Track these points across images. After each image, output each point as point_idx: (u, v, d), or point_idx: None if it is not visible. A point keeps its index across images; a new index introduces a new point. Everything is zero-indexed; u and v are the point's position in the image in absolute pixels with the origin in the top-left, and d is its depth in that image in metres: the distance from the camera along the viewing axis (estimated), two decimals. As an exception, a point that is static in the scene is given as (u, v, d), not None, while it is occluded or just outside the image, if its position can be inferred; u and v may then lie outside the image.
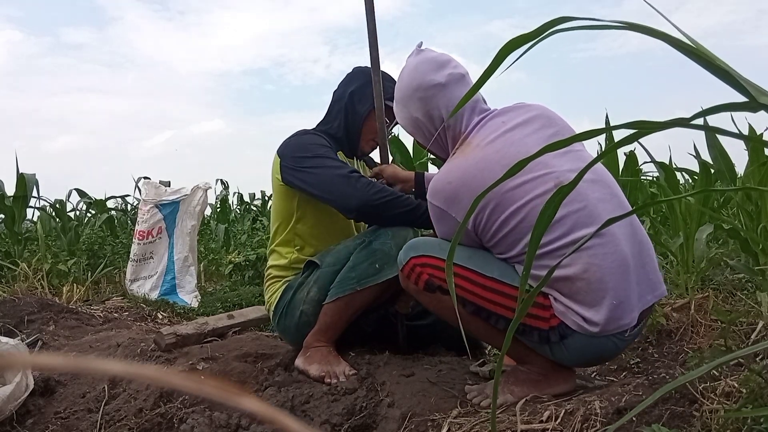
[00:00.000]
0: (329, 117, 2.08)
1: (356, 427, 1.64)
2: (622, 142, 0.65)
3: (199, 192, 4.08)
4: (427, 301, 1.64)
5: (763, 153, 2.55)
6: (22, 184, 4.54)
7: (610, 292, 1.45)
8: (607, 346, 1.51)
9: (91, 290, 4.01)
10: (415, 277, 1.61)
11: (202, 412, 1.74)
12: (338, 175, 1.83)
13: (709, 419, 1.21)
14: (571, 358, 1.54)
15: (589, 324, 1.46)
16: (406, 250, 1.64)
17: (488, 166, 1.53)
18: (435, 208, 1.60)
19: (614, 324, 1.47)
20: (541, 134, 1.59)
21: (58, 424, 1.93)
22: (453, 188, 1.55)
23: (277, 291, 2.03)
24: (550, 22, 0.59)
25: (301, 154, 1.91)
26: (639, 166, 4.05)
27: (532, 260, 0.78)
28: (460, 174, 1.56)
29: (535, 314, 1.50)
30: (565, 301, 1.49)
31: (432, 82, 1.65)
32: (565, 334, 1.49)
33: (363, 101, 2.00)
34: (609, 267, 1.46)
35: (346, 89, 2.05)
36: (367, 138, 2.05)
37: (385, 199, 1.81)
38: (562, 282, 1.48)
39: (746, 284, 2.36)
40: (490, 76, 0.65)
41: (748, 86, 0.58)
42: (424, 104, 1.66)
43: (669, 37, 0.59)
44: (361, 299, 1.83)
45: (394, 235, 1.82)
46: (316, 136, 2.00)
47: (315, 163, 1.87)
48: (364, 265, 1.81)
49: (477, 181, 1.52)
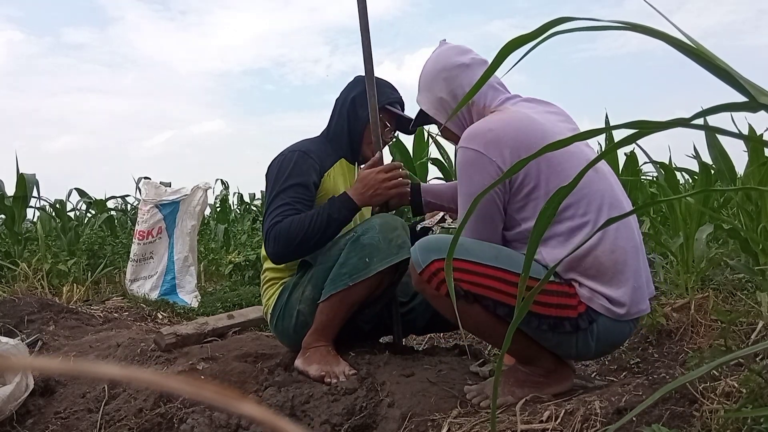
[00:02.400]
0: (332, 123, 2.12)
1: (356, 427, 1.64)
2: (622, 143, 0.65)
3: (199, 192, 4.08)
4: (445, 307, 1.56)
5: (762, 153, 2.55)
6: (22, 184, 4.54)
7: (632, 276, 1.51)
8: (625, 331, 1.56)
9: (91, 290, 4.01)
10: (437, 281, 1.51)
11: (202, 412, 1.74)
12: (269, 221, 1.90)
13: (709, 419, 1.21)
14: (594, 345, 1.54)
15: (615, 305, 1.50)
16: (426, 252, 1.53)
17: (532, 124, 1.56)
18: (470, 152, 1.55)
19: (636, 308, 1.53)
20: (566, 126, 1.64)
21: (58, 424, 1.94)
22: (495, 134, 1.54)
23: (274, 294, 2.03)
24: (550, 22, 0.59)
25: (273, 177, 1.98)
26: (639, 166, 4.05)
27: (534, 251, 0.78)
28: (502, 124, 1.56)
29: (563, 304, 1.50)
30: (590, 285, 1.51)
31: (457, 62, 1.70)
32: (593, 318, 1.51)
33: (365, 106, 2.01)
34: (630, 251, 1.53)
35: (348, 95, 2.09)
36: (368, 141, 2.06)
37: (287, 240, 1.86)
38: (590, 261, 1.50)
39: (746, 284, 2.36)
40: (491, 77, 0.65)
41: (748, 86, 0.58)
42: (448, 83, 1.70)
43: (669, 37, 0.59)
44: (354, 294, 1.83)
45: (382, 228, 1.82)
46: (303, 156, 1.98)
47: (270, 196, 1.95)
48: (353, 261, 1.81)
49: (521, 132, 1.54)
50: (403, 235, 1.84)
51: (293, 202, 1.90)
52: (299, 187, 1.93)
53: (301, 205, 1.91)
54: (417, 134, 4.73)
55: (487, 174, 1.52)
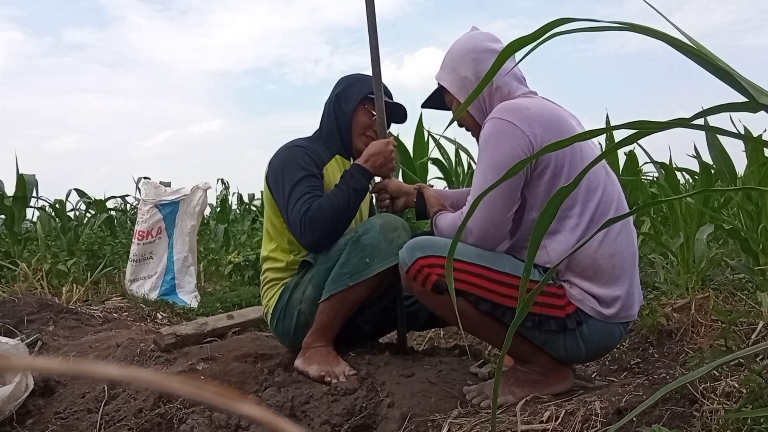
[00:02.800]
0: (322, 122, 2.16)
1: (356, 427, 1.64)
2: (622, 143, 0.65)
3: (199, 192, 4.08)
4: (434, 303, 1.61)
5: (762, 153, 2.55)
6: (22, 185, 4.54)
7: (627, 281, 1.55)
8: (615, 334, 1.58)
9: (91, 290, 4.00)
10: (422, 278, 1.57)
11: (202, 413, 1.74)
12: (298, 212, 1.89)
13: (710, 419, 1.21)
14: (583, 347, 1.56)
15: (605, 307, 1.52)
16: (411, 250, 1.60)
17: (562, 115, 1.59)
18: (504, 122, 1.55)
19: (625, 312, 1.56)
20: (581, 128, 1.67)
21: (58, 424, 1.93)
22: (531, 113, 1.55)
23: (274, 295, 2.03)
24: (550, 23, 0.59)
25: (280, 174, 1.99)
26: (639, 166, 4.05)
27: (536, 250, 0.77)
28: (536, 106, 1.58)
29: (550, 303, 1.52)
30: (584, 286, 1.53)
31: (488, 47, 1.71)
32: (581, 320, 1.53)
33: (348, 99, 2.07)
34: (627, 257, 1.56)
35: (333, 94, 2.14)
36: (358, 134, 2.09)
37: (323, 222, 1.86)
38: (588, 263, 1.52)
39: (746, 284, 2.36)
40: (492, 78, 0.65)
41: (748, 86, 0.58)
42: (476, 65, 1.70)
43: (669, 37, 0.59)
44: (355, 294, 1.84)
45: (382, 228, 1.83)
46: (302, 151, 2.02)
47: (286, 191, 1.95)
48: (354, 261, 1.82)
49: (554, 119, 1.56)
50: (403, 236, 1.84)
51: (311, 190, 1.92)
52: (311, 177, 1.96)
53: (319, 191, 1.94)
54: (417, 134, 4.73)
55: (517, 145, 1.53)
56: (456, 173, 4.80)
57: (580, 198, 1.55)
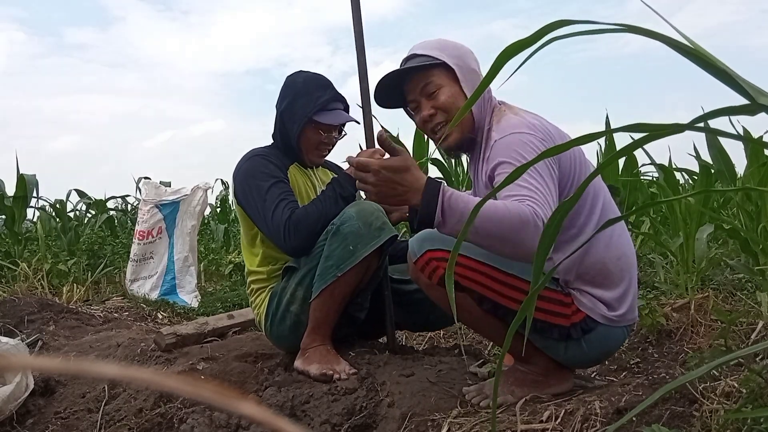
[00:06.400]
0: (276, 135, 2.11)
1: (356, 427, 1.64)
2: (623, 152, 0.65)
3: (199, 192, 4.08)
4: (439, 296, 1.60)
5: (762, 154, 2.55)
6: (22, 185, 4.54)
7: (633, 284, 1.56)
8: (619, 338, 1.59)
9: (91, 290, 4.01)
10: (429, 270, 1.55)
11: (202, 412, 1.74)
12: (279, 217, 1.87)
13: (709, 419, 1.21)
14: (587, 352, 1.55)
15: (613, 309, 1.53)
16: (421, 242, 1.58)
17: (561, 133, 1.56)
18: (524, 135, 1.46)
19: (631, 314, 1.57)
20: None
21: (58, 424, 1.94)
22: (542, 124, 1.51)
23: (263, 301, 2.03)
24: (548, 26, 0.59)
25: (247, 186, 1.97)
26: (639, 167, 4.05)
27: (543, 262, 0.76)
28: (537, 120, 1.55)
29: (556, 311, 1.52)
30: (595, 293, 1.53)
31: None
32: (588, 328, 1.52)
33: (292, 120, 2.02)
34: (630, 256, 1.58)
35: (278, 108, 2.07)
36: (309, 151, 2.06)
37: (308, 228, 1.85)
38: (599, 269, 1.52)
39: (746, 284, 2.37)
40: (490, 83, 0.65)
41: (748, 87, 0.58)
42: (478, 65, 1.67)
43: (668, 38, 0.59)
44: (344, 284, 1.84)
45: (359, 215, 1.82)
46: (263, 159, 2.00)
47: (258, 202, 1.93)
48: (338, 251, 1.82)
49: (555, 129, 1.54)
50: (381, 217, 1.84)
51: (285, 195, 1.92)
52: (280, 183, 1.95)
53: (291, 196, 1.94)
54: (417, 134, 4.73)
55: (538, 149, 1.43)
56: (456, 173, 4.80)
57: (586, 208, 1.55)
